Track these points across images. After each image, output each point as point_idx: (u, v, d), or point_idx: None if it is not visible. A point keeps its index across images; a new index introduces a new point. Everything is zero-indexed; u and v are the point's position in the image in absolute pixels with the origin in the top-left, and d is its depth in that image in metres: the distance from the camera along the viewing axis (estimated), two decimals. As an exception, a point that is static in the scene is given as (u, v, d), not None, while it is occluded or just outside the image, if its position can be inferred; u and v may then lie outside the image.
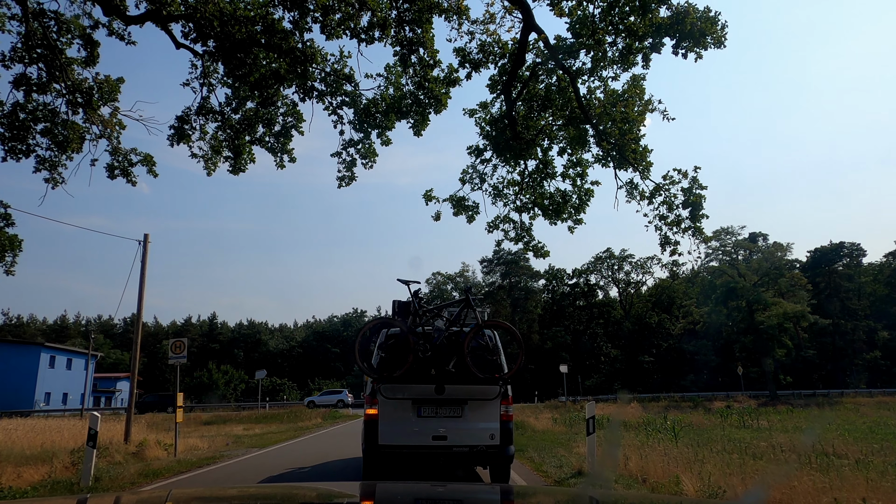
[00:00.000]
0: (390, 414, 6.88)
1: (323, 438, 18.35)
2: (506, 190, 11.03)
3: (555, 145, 10.68)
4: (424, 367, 6.91)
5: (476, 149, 10.35)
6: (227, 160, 10.78)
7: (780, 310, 47.29)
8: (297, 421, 29.63)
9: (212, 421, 33.95)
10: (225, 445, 15.15)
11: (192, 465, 10.22)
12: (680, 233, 9.41)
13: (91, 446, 7.47)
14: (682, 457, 9.80)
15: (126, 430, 13.54)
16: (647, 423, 20.62)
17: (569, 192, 10.79)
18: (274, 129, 10.34)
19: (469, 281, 67.21)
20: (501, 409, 7.00)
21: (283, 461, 10.85)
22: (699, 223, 9.10)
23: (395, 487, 2.80)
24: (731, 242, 50.91)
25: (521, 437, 16.94)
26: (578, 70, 8.73)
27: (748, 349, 53.79)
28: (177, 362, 12.26)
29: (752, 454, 9.40)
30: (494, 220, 11.05)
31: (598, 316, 68.43)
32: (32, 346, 49.89)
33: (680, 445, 13.46)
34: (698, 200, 9.07)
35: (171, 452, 12.19)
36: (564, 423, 22.47)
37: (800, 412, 28.48)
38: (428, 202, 10.79)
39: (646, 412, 29.11)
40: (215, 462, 10.81)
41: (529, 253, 10.89)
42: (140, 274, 14.25)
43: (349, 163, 10.33)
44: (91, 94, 10.92)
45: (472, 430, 6.90)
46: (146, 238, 14.43)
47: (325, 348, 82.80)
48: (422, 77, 9.57)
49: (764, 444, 12.80)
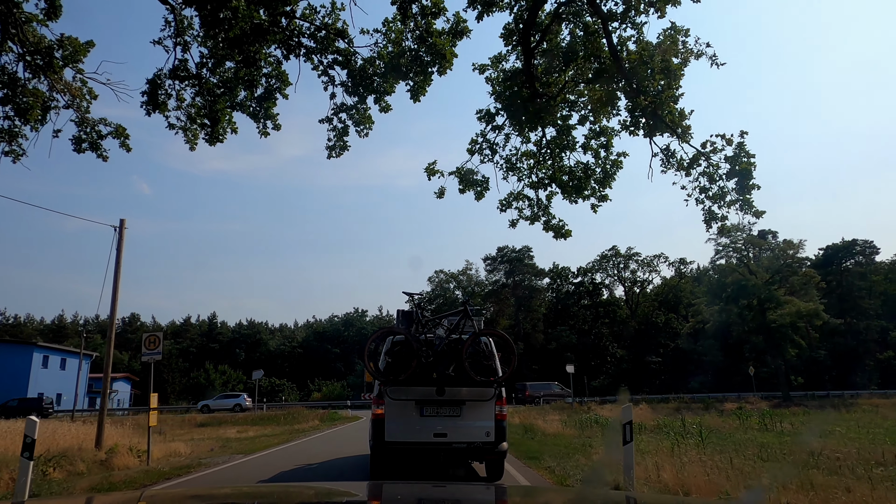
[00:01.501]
0: (396, 413, 7.49)
1: (317, 443, 17.07)
2: (519, 163, 9.72)
3: (575, 113, 9.36)
4: (427, 372, 7.55)
5: (487, 113, 9.01)
6: (204, 128, 9.49)
7: (794, 308, 45.87)
8: (294, 423, 28.37)
9: (207, 423, 32.75)
10: (209, 451, 13.87)
11: (161, 476, 8.95)
12: (726, 206, 8.09)
13: (27, 458, 6.19)
14: (720, 466, 8.49)
15: (98, 435, 12.25)
16: (662, 426, 19.37)
17: (591, 165, 9.48)
18: (256, 93, 9.04)
19: (472, 279, 65.89)
20: (496, 409, 7.65)
21: (266, 471, 9.56)
22: (748, 195, 7.77)
23: (398, 488, 2.84)
24: (741, 239, 49.46)
25: (531, 442, 15.60)
26: (610, 13, 7.42)
27: (758, 349, 52.37)
28: (150, 359, 11.00)
29: (816, 465, 8.06)
30: (507, 197, 9.73)
31: (604, 315, 67.00)
32: (25, 346, 48.70)
33: (709, 452, 12.20)
34: (747, 168, 7.74)
35: (145, 460, 10.90)
36: (574, 425, 21.19)
37: (818, 414, 27.10)
38: (431, 177, 9.49)
39: (656, 414, 27.85)
40: (190, 472, 9.54)
41: (550, 233, 9.56)
42: (115, 262, 13.00)
43: (341, 130, 9.03)
44: (52, 54, 9.65)
45: (470, 428, 7.54)
46: (122, 224, 13.16)
47: (326, 348, 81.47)
48: (424, 30, 8.27)
49: (793, 448, 11.48)
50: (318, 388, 65.66)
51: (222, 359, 77.52)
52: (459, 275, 66.08)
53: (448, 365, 7.60)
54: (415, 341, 7.54)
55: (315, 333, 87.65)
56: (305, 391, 68.29)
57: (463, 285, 64.74)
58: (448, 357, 7.63)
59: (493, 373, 7.79)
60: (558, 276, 67.96)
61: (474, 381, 7.42)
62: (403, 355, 7.62)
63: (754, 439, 14.81)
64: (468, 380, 7.42)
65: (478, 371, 7.56)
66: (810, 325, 48.17)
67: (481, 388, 7.52)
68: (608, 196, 9.49)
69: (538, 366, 61.42)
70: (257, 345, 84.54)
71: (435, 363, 7.57)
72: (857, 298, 61.13)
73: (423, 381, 7.52)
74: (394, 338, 7.94)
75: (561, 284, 69.06)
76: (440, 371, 7.56)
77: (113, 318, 12.67)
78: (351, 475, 9.36)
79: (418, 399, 7.52)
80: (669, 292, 66.79)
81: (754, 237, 50.53)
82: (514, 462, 10.77)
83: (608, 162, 9.22)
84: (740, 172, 7.82)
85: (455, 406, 7.55)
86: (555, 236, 9.65)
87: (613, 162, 9.26)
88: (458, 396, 7.52)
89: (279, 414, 34.82)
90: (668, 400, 46.19)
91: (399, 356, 7.68)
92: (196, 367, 73.98)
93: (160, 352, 10.94)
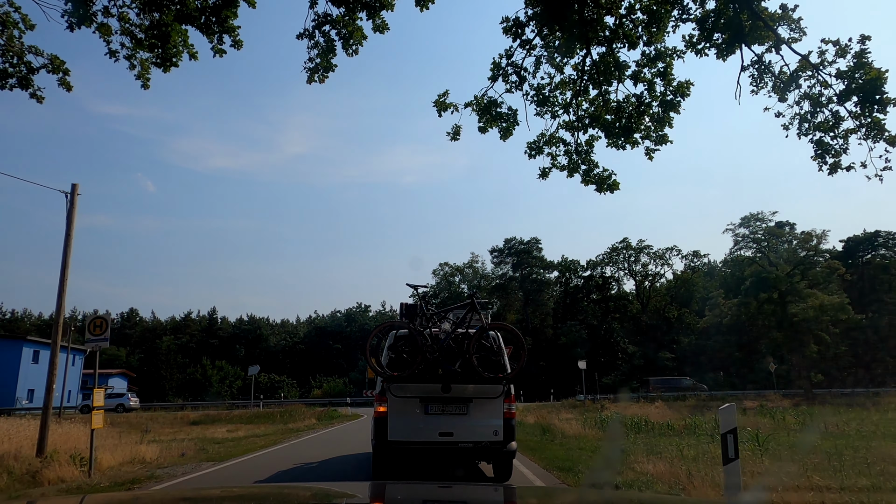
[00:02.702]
0: (399, 411, 7.17)
1: (307, 446, 15.05)
2: (553, 96, 7.62)
3: (626, 22, 7.22)
4: (432, 368, 7.16)
5: (514, 23, 6.89)
6: (154, 50, 7.43)
7: (817, 301, 43.58)
8: (290, 421, 26.38)
9: (199, 421, 30.92)
10: (179, 456, 11.85)
11: (94, 492, 6.93)
12: (840, 138, 5.96)
13: None
14: (827, 485, 6.41)
15: (40, 439, 10.21)
16: (691, 426, 17.31)
17: (645, 98, 7.36)
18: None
19: (478, 272, 63.66)
20: (504, 407, 7.34)
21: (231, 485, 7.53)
22: (878, 114, 5.65)
23: (402, 488, 2.77)
24: (761, 229, 47.16)
25: (554, 446, 13.50)
26: None
27: (777, 344, 50.10)
28: (96, 346, 9.00)
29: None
30: (538, 138, 7.62)
31: (615, 310, 64.71)
32: (13, 341, 46.84)
33: (775, 459, 10.21)
34: (877, 78, 5.61)
35: (88, 471, 8.85)
36: (593, 425, 19.13)
37: (852, 412, 24.88)
38: (442, 112, 7.40)
39: (675, 412, 25.77)
40: (133, 487, 7.52)
41: (591, 186, 7.45)
42: (66, 233, 10.97)
43: (325, 48, 6.94)
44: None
45: (477, 426, 7.23)
46: (74, 189, 11.11)
47: (328, 344, 79.49)
48: None
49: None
50: (320, 384, 63.74)
51: (222, 355, 75.75)
52: (465, 267, 63.84)
53: (454, 361, 7.27)
54: (419, 336, 7.18)
55: (317, 329, 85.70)
56: (306, 388, 66.42)
57: (468, 278, 62.51)
58: (454, 352, 7.31)
59: (502, 369, 7.45)
60: (567, 269, 65.61)
61: (482, 378, 7.11)
62: (407, 351, 7.36)
63: (819, 445, 12.64)
64: (475, 376, 7.11)
65: (486, 367, 7.27)
66: (833, 319, 45.86)
67: (489, 385, 7.19)
68: (667, 137, 7.38)
69: (545, 362, 59.29)
70: (258, 340, 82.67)
71: (440, 359, 7.21)
72: (879, 292, 58.68)
73: (428, 377, 7.15)
74: (397, 332, 7.62)
75: (569, 278, 66.72)
76: (446, 367, 7.20)
77: (62, 299, 10.62)
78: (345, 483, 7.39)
79: (423, 396, 7.21)
80: (682, 286, 64.44)
81: (774, 227, 48.25)
82: (542, 473, 8.73)
83: (670, 89, 7.10)
84: (864, 87, 5.67)
85: (462, 404, 7.27)
86: (598, 189, 7.56)
87: (676, 89, 7.13)
88: (464, 394, 7.22)
89: (275, 411, 32.95)
90: (685, 397, 44.09)
91: (403, 351, 7.41)
92: (195, 364, 72.26)
93: (107, 338, 8.97)
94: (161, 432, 23.23)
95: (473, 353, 7.11)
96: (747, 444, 11.91)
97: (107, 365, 69.48)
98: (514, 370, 7.45)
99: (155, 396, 65.84)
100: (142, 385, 68.61)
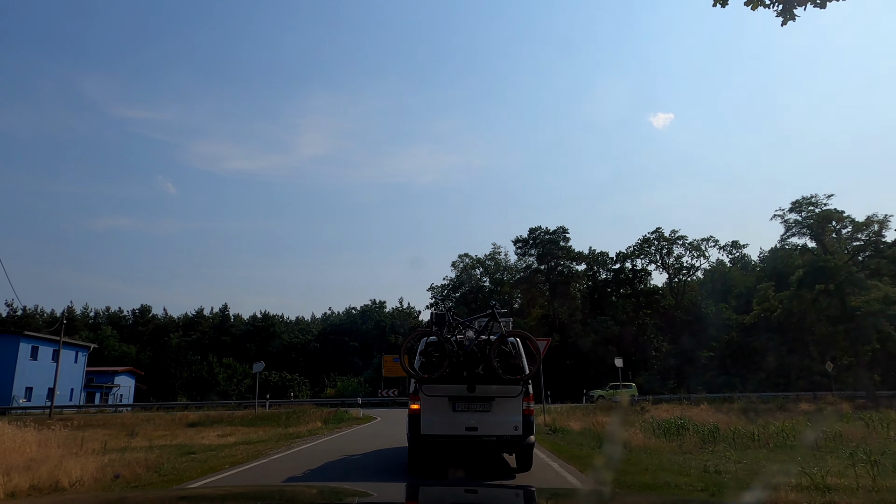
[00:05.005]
0: (430, 408, 8.16)
1: (303, 457, 11.51)
2: None
3: None
4: (458, 370, 8.28)
5: None
6: None
7: (880, 293, 39.00)
8: (292, 425, 23.00)
9: (198, 422, 27.71)
10: (112, 479, 8.43)
11: None
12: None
13: None
14: None
15: None
16: (778, 437, 13.60)
17: None
18: None
19: (500, 264, 59.75)
20: (524, 405, 8.23)
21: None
22: None
23: (432, 491, 2.98)
24: (815, 214, 42.66)
25: (632, 469, 9.72)
26: None
27: (828, 341, 45.46)
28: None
29: None
30: None
31: (646, 305, 60.38)
32: (10, 336, 44.36)
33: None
34: None
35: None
36: (653, 432, 15.42)
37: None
38: None
39: (726, 416, 21.91)
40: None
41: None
42: None
43: None
44: None
45: (499, 422, 8.15)
46: None
47: (343, 341, 76.28)
48: None
49: None
50: (333, 383, 60.50)
51: (233, 352, 73.10)
52: (487, 259, 59.97)
53: (478, 364, 8.26)
54: (447, 342, 8.16)
55: (331, 326, 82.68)
56: (320, 387, 63.29)
57: (490, 271, 58.68)
58: (477, 357, 8.28)
59: (521, 371, 8.35)
60: (595, 262, 61.38)
61: (502, 379, 8.08)
62: (437, 355, 8.22)
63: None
64: (497, 378, 8.08)
65: (506, 370, 8.20)
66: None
67: (509, 386, 8.15)
68: None
69: (572, 361, 55.33)
70: (271, 338, 79.88)
71: (465, 363, 8.24)
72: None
73: (455, 379, 8.18)
74: (427, 339, 8.51)
75: (597, 271, 62.51)
76: (470, 370, 8.22)
77: None
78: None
79: (451, 395, 8.16)
80: (720, 279, 59.91)
81: (828, 211, 43.60)
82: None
83: None
84: None
85: (485, 402, 8.18)
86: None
87: None
88: (487, 393, 8.16)
89: (281, 412, 29.71)
90: (732, 399, 39.90)
91: (432, 356, 8.29)
92: (205, 361, 69.70)
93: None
94: (151, 435, 20.06)
95: (495, 358, 8.06)
96: (840, 458, 8.15)
97: (115, 363, 67.09)
98: (531, 372, 8.33)
99: (163, 395, 63.26)
100: (150, 383, 66.15)
